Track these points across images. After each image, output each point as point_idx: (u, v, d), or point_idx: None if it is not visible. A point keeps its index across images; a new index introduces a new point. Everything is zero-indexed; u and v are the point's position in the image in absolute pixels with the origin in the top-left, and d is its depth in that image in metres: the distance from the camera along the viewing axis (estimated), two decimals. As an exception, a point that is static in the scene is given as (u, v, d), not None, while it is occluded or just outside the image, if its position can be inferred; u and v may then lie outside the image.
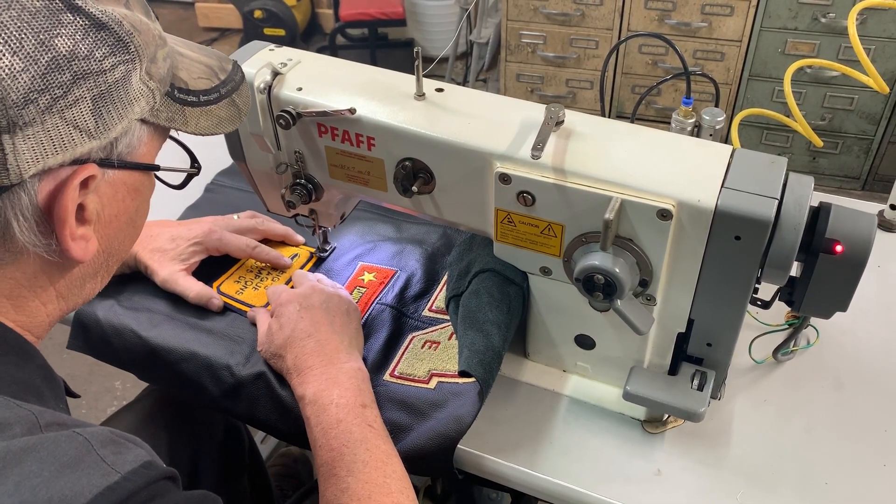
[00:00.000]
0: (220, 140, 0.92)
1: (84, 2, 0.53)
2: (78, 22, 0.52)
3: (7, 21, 0.49)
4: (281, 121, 0.82)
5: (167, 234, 0.98)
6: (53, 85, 0.51)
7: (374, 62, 3.39)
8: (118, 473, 0.49)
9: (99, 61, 0.54)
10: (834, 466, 0.82)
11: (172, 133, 0.66)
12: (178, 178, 0.71)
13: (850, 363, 0.94)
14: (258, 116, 0.83)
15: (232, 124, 0.68)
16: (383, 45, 3.53)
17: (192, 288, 0.96)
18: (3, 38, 0.49)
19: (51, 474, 0.47)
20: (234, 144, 0.92)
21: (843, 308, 0.76)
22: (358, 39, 3.59)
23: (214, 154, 1.15)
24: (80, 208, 0.57)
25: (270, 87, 0.82)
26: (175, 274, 0.96)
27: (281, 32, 3.49)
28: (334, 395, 0.78)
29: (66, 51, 0.52)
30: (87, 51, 0.53)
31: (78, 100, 0.53)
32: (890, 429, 0.86)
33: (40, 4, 0.51)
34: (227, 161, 1.14)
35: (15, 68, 0.49)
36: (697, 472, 0.81)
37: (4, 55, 0.49)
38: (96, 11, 0.53)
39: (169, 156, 0.66)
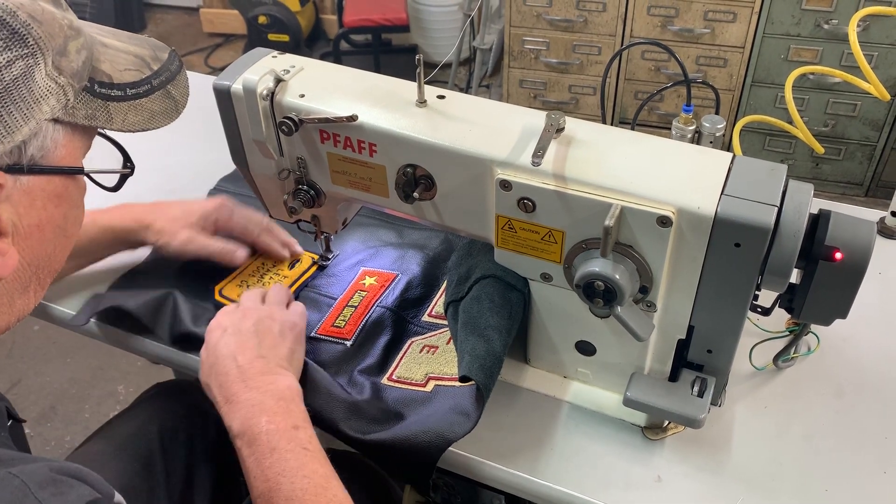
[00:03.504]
0: (222, 145, 0.92)
1: None
2: None
3: None
4: (283, 127, 0.83)
5: (178, 208, 0.98)
6: None
7: (377, 68, 3.41)
8: None
9: None
10: (834, 473, 0.82)
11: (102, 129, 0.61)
12: (112, 179, 0.65)
13: (851, 370, 0.93)
14: (261, 123, 0.84)
15: (167, 118, 0.63)
16: (387, 50, 3.55)
17: (213, 244, 0.95)
18: None
19: None
20: (237, 150, 0.92)
21: (844, 315, 0.76)
22: (362, 45, 3.61)
23: (217, 159, 1.15)
24: None
25: (273, 93, 0.83)
26: (193, 235, 0.95)
27: (285, 38, 3.51)
28: (262, 422, 0.73)
29: None
30: None
31: None
32: (890, 436, 0.85)
33: None
34: (229, 166, 1.14)
35: None
36: (697, 478, 0.81)
37: None
38: None
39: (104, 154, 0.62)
